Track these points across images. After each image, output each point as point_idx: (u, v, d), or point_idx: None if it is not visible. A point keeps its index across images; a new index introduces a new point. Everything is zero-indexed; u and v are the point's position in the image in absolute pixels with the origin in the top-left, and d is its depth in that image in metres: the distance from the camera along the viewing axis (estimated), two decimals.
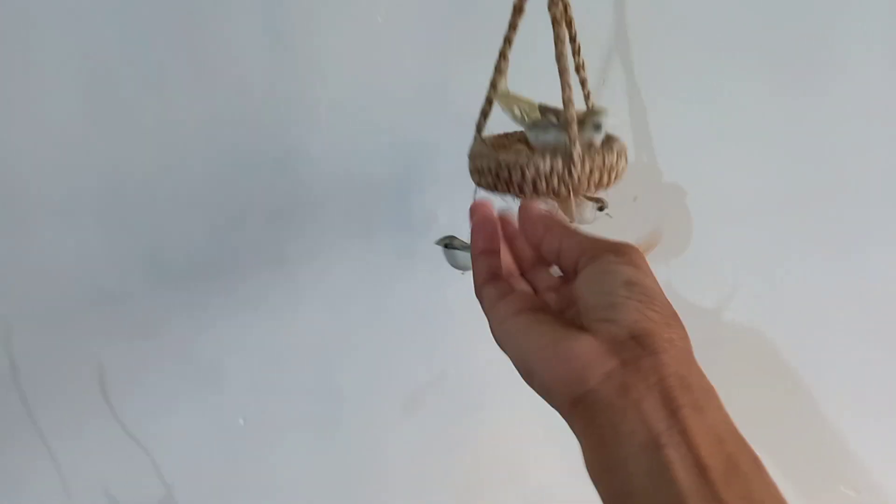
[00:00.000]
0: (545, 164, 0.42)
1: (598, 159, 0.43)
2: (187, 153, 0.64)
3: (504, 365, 0.67)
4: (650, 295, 0.32)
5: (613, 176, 0.44)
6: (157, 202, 0.66)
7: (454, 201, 0.62)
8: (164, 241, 0.68)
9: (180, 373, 0.75)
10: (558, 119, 0.47)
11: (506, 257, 0.42)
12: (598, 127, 0.44)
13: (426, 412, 0.74)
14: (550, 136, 0.46)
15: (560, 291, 0.39)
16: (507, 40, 0.47)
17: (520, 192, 0.44)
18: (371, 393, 0.73)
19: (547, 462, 0.75)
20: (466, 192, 0.61)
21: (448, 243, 0.55)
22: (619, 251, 0.34)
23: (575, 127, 0.42)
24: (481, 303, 0.40)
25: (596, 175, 0.43)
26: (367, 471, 0.76)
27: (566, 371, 0.31)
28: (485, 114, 0.49)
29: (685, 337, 0.32)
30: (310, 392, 0.74)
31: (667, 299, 0.33)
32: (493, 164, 0.44)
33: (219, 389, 0.74)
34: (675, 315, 0.32)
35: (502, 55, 0.48)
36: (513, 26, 0.47)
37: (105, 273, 0.70)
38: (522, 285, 0.41)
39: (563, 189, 0.43)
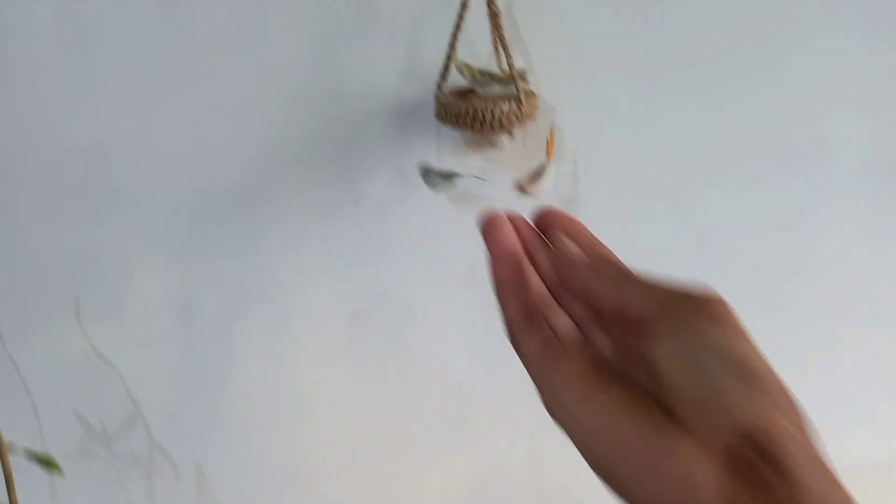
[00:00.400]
0: (506, 107, 0.68)
1: (532, 101, 0.70)
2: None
3: (434, 287, 0.89)
4: (759, 375, 0.25)
5: (536, 112, 0.72)
6: (136, 179, 0.78)
7: (398, 147, 0.83)
8: (148, 205, 0.80)
9: (154, 306, 0.87)
10: (492, 78, 0.74)
11: (534, 280, 0.34)
12: (525, 80, 0.72)
13: (368, 326, 0.93)
14: (495, 89, 0.72)
15: (610, 331, 0.31)
16: (457, 26, 0.71)
17: (489, 127, 0.69)
18: (322, 312, 0.91)
19: (467, 362, 0.95)
20: (407, 139, 0.83)
21: (426, 170, 0.77)
22: (703, 305, 0.27)
23: (519, 82, 0.69)
24: (516, 350, 0.32)
25: (531, 111, 0.70)
26: (317, 377, 0.94)
27: (667, 491, 0.24)
28: (443, 76, 0.73)
29: (805, 426, 0.25)
30: (269, 317, 0.90)
31: (773, 371, 0.26)
32: (471, 109, 0.68)
33: (189, 320, 0.88)
34: (786, 393, 0.25)
35: (454, 36, 0.71)
36: (460, 17, 0.71)
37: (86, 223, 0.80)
38: (563, 320, 0.33)
39: (515, 122, 0.69)
